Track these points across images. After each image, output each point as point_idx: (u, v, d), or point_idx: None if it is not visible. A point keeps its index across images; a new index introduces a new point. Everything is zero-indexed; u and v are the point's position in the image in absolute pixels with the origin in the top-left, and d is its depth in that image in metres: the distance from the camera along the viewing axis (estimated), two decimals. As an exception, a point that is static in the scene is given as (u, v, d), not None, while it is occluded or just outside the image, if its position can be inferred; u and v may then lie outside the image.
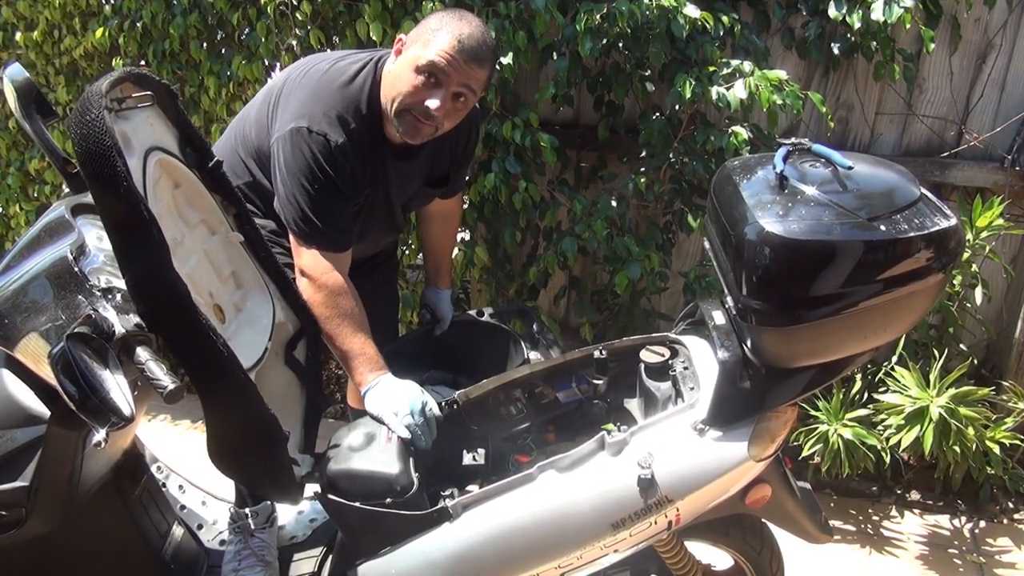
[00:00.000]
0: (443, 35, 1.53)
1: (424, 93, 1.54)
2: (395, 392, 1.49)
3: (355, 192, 1.62)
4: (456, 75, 1.53)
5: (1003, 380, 2.42)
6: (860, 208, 1.14)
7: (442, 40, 1.52)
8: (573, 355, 1.59)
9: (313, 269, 1.57)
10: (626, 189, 2.32)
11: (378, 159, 1.66)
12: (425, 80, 1.54)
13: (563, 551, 1.29)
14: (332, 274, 1.57)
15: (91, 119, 1.07)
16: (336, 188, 1.57)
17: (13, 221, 3.38)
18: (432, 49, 1.52)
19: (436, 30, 1.54)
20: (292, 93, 1.63)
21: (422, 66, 1.53)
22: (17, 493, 1.17)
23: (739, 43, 2.23)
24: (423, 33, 1.56)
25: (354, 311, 1.57)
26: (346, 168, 1.57)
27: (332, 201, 1.58)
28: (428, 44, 1.53)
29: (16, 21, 3.05)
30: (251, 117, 1.73)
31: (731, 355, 1.29)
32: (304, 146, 1.54)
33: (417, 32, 1.58)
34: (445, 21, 1.55)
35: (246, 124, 1.73)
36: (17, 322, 1.13)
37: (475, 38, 1.54)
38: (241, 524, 1.66)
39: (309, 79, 1.63)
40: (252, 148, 1.71)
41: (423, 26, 1.58)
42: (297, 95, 1.61)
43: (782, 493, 1.43)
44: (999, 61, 2.29)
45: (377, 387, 1.52)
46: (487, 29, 1.59)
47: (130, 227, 1.11)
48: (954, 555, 2.28)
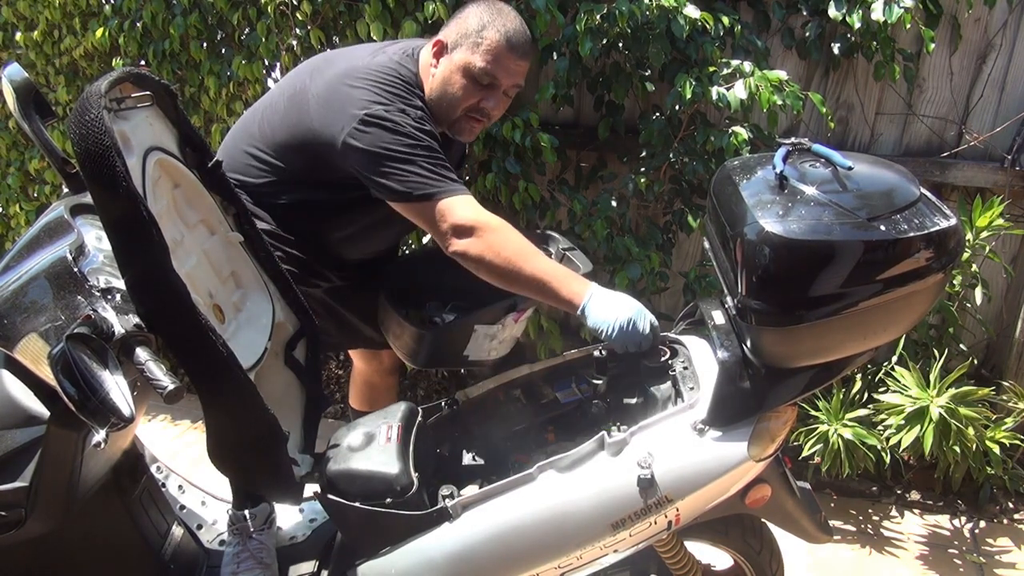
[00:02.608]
0: (492, 36, 1.54)
1: (480, 96, 1.58)
2: (620, 299, 1.42)
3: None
4: (509, 76, 1.58)
5: (1003, 380, 2.42)
6: (860, 208, 1.14)
7: (492, 42, 1.54)
8: (573, 355, 1.59)
9: (476, 216, 1.46)
10: (626, 189, 2.32)
11: None
12: (481, 85, 1.57)
13: (563, 551, 1.29)
14: (486, 214, 1.48)
15: (90, 119, 1.07)
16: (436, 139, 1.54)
17: (13, 221, 3.38)
18: (485, 54, 1.55)
19: (481, 30, 1.55)
20: (340, 87, 1.56)
21: (477, 73, 1.56)
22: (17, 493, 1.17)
23: (739, 43, 2.23)
24: (467, 35, 1.56)
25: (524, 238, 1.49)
26: (435, 132, 1.56)
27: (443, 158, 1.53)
28: (478, 48, 1.55)
29: (16, 21, 3.05)
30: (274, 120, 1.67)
31: (731, 355, 1.29)
32: (393, 121, 1.50)
33: (459, 33, 1.58)
34: (487, 19, 1.56)
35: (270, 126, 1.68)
36: (17, 322, 1.13)
37: (520, 33, 1.57)
38: (239, 526, 1.66)
39: (353, 74, 1.57)
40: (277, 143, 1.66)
41: (464, 25, 1.57)
42: (354, 91, 1.54)
43: (782, 493, 1.43)
44: (999, 61, 2.29)
45: (599, 296, 1.42)
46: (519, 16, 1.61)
47: (129, 228, 1.11)
48: (954, 555, 2.27)
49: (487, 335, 1.80)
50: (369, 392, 2.27)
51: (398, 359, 2.20)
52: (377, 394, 2.26)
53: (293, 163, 1.66)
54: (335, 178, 1.62)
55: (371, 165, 1.51)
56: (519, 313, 1.84)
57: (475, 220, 1.46)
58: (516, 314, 1.83)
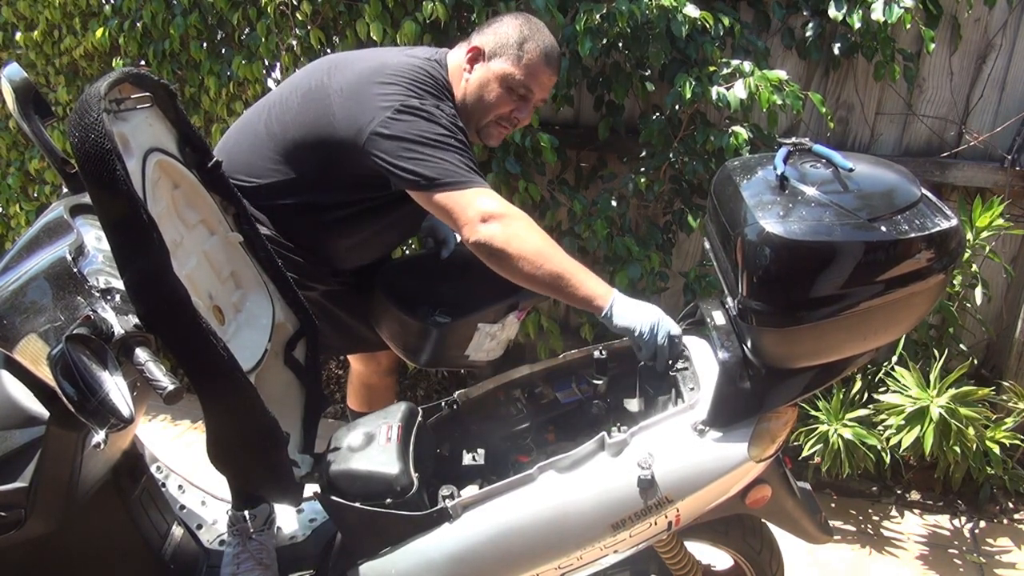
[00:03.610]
0: (532, 50, 1.63)
1: (514, 106, 1.67)
2: (644, 307, 1.43)
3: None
4: (542, 89, 1.69)
5: (1003, 380, 2.42)
6: (861, 209, 1.14)
7: (532, 57, 1.63)
8: (573, 355, 1.59)
9: (497, 207, 1.46)
10: (626, 189, 2.31)
11: None
12: (517, 95, 1.66)
13: (563, 552, 1.29)
14: (512, 207, 1.48)
15: (90, 121, 1.07)
16: (468, 141, 1.59)
17: (13, 221, 3.37)
18: (524, 67, 1.63)
19: (522, 43, 1.63)
20: (369, 82, 1.56)
21: (515, 84, 1.64)
22: (17, 494, 1.17)
23: (739, 43, 2.23)
24: (507, 46, 1.63)
25: (547, 235, 1.49)
26: (466, 132, 1.61)
27: (473, 156, 1.56)
28: (518, 61, 1.63)
29: (16, 21, 3.05)
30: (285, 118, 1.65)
31: (731, 355, 1.29)
32: (428, 111, 1.53)
33: (498, 43, 1.64)
34: (527, 33, 1.64)
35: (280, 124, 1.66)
36: (16, 323, 1.13)
37: (555, 49, 1.67)
38: (239, 527, 1.66)
39: (387, 68, 1.58)
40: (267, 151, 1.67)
41: (503, 36, 1.64)
42: (382, 87, 1.55)
43: (782, 493, 1.43)
44: (999, 61, 2.29)
45: (622, 301, 1.43)
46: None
47: (129, 230, 1.11)
48: (954, 555, 2.27)
49: (488, 334, 1.81)
50: (367, 393, 2.27)
51: (396, 360, 2.20)
52: (375, 395, 2.25)
53: (304, 162, 1.64)
54: (346, 179, 1.62)
55: (400, 151, 1.49)
56: (520, 312, 1.86)
57: (502, 210, 1.45)
58: (518, 313, 1.85)
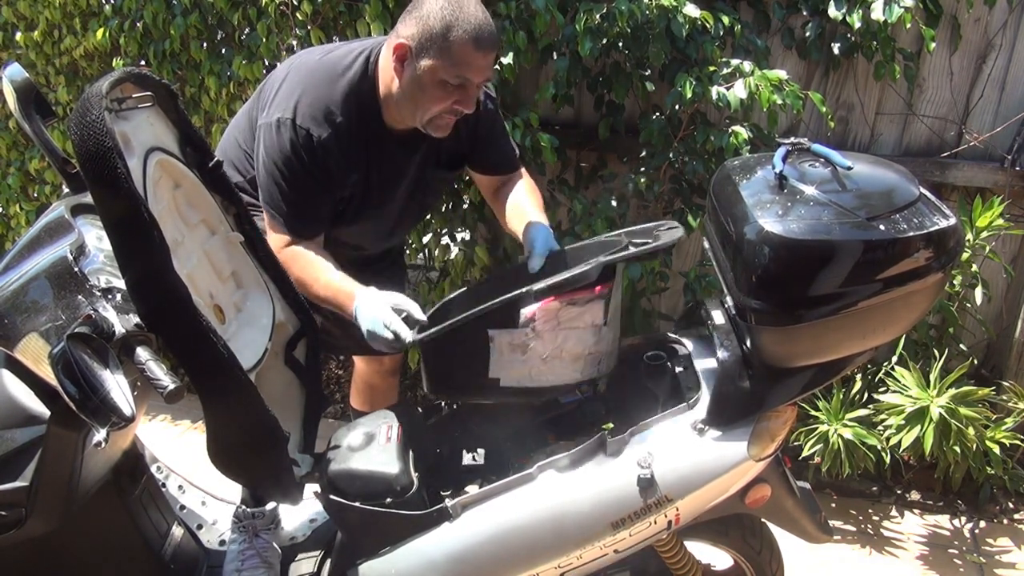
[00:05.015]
0: (458, 38, 1.45)
1: (453, 98, 1.52)
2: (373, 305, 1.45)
3: (334, 185, 1.63)
4: (480, 73, 1.51)
5: (1003, 380, 2.42)
6: (859, 208, 1.14)
7: (459, 45, 1.45)
8: None
9: (276, 248, 1.61)
10: (626, 189, 2.32)
11: (373, 149, 1.65)
12: (453, 87, 1.50)
13: (563, 551, 1.29)
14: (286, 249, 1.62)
15: (91, 120, 1.07)
16: (313, 180, 1.58)
17: (13, 221, 3.37)
18: (456, 58, 1.46)
19: (447, 33, 1.45)
20: (283, 83, 1.64)
21: (450, 78, 1.49)
22: (17, 493, 1.18)
23: (739, 43, 2.23)
24: (432, 39, 1.46)
25: (316, 258, 1.59)
26: (327, 162, 1.58)
27: (306, 193, 1.59)
28: (447, 54, 1.46)
29: (16, 21, 3.05)
30: (247, 110, 1.76)
31: (731, 355, 1.29)
32: (285, 137, 1.56)
33: (423, 35, 1.47)
34: (450, 16, 1.45)
35: (248, 118, 1.75)
36: (17, 322, 1.13)
37: (485, 26, 1.47)
38: (247, 524, 1.67)
39: (299, 71, 1.64)
40: (250, 141, 1.72)
41: (426, 25, 1.46)
42: (287, 85, 1.62)
43: (782, 493, 1.43)
44: (999, 61, 2.29)
45: (359, 308, 1.48)
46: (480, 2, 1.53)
47: (130, 229, 1.11)
48: (954, 555, 2.27)
49: (512, 345, 1.32)
50: (370, 393, 2.27)
51: (399, 360, 2.21)
52: (378, 395, 2.26)
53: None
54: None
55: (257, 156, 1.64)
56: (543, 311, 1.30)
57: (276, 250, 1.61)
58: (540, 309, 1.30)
